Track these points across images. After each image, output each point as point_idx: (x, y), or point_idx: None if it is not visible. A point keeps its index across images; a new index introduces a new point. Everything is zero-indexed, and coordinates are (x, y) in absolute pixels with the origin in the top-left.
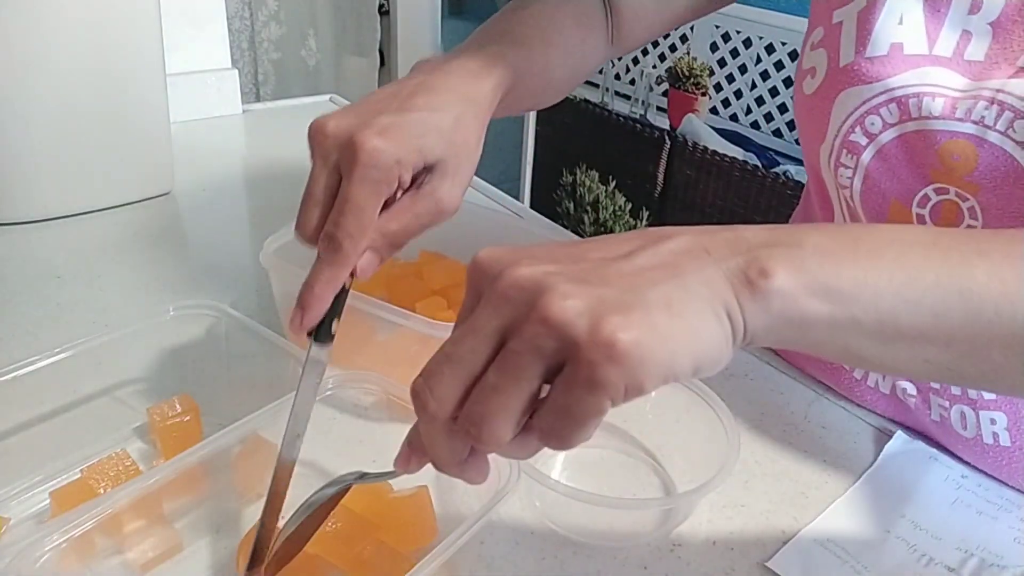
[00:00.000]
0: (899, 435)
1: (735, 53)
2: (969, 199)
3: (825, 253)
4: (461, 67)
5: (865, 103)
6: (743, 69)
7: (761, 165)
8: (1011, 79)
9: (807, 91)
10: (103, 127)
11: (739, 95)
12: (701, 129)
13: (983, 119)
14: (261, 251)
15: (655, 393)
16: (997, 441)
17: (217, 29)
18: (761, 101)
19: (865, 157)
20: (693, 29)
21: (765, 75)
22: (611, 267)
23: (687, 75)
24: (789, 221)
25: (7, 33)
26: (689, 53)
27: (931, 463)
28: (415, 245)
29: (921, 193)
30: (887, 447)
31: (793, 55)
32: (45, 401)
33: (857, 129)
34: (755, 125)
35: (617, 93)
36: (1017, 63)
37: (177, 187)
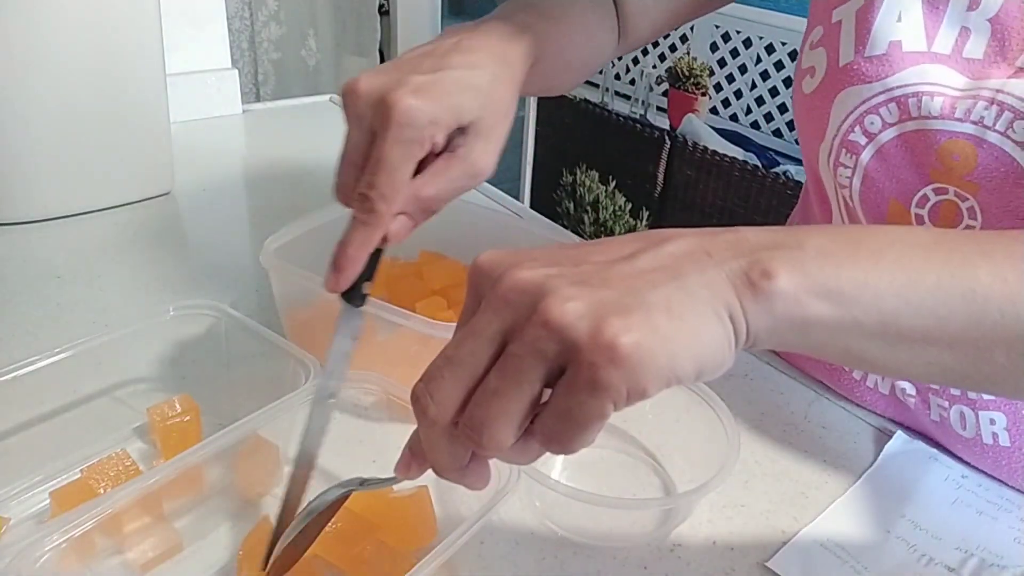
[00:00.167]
0: (899, 435)
1: (735, 53)
2: (968, 199)
3: (826, 255)
4: (494, 30)
5: (865, 102)
6: (743, 69)
7: (761, 165)
8: (1011, 79)
9: (806, 90)
10: (103, 127)
11: (739, 95)
12: (701, 129)
13: (982, 119)
14: (261, 251)
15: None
16: (996, 441)
17: (217, 29)
18: (761, 101)
19: (864, 157)
20: (693, 29)
21: (765, 75)
22: (612, 269)
23: (687, 75)
24: (787, 221)
25: (7, 33)
26: (689, 53)
27: (931, 463)
28: (415, 245)
29: (920, 193)
30: (887, 447)
31: (793, 55)
32: (45, 401)
33: (856, 129)
34: (755, 125)
35: (617, 93)
36: (1016, 63)
37: (177, 187)
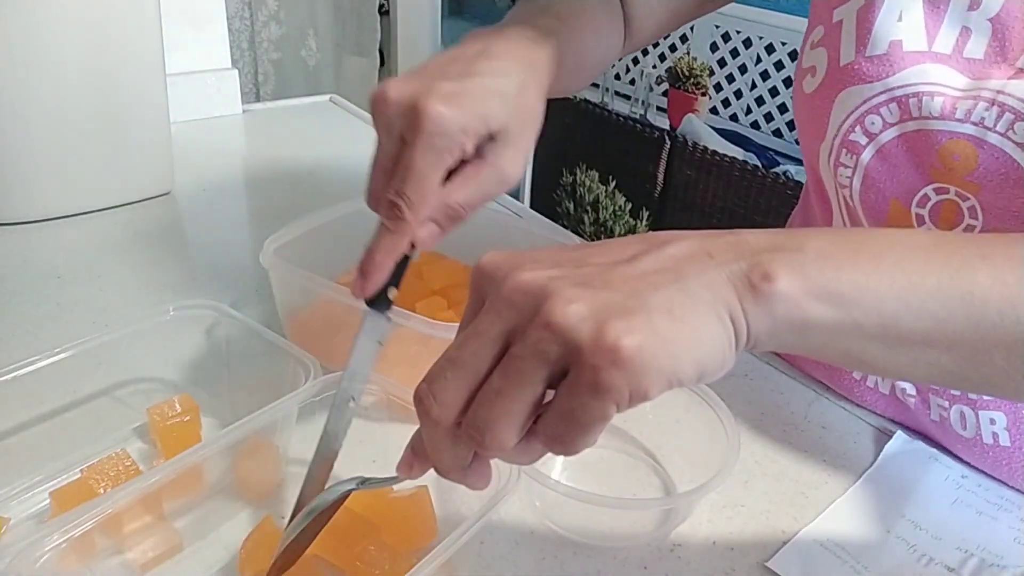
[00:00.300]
0: (899, 435)
1: (735, 53)
2: (969, 198)
3: (827, 257)
4: (519, 35)
5: (865, 102)
6: (743, 69)
7: (761, 165)
8: (1011, 80)
9: (807, 90)
10: (103, 127)
11: (739, 95)
12: (701, 129)
13: (983, 120)
14: (261, 251)
15: None
16: (997, 441)
17: (217, 29)
18: (761, 101)
19: (865, 156)
20: (693, 29)
21: (765, 75)
22: (614, 271)
23: (687, 75)
24: (788, 221)
25: (7, 33)
26: (689, 53)
27: (931, 463)
28: None
29: (921, 193)
30: (887, 447)
31: (793, 55)
32: (45, 401)
33: (857, 128)
34: (755, 125)
35: (617, 93)
36: (1017, 63)
37: (177, 187)
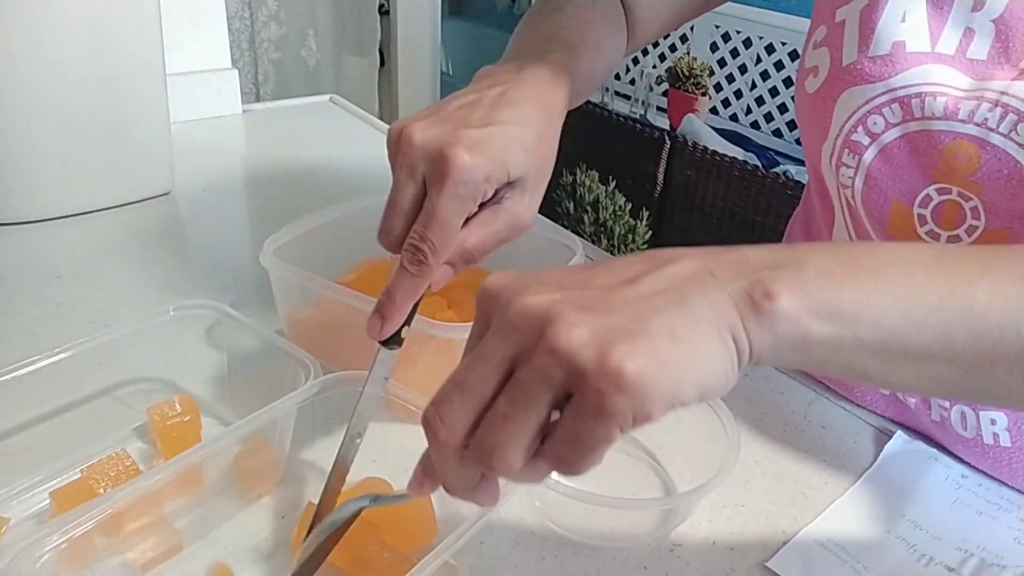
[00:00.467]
0: (899, 435)
1: (735, 53)
2: (972, 199)
3: (828, 274)
4: (535, 76)
5: (868, 103)
6: (743, 69)
7: (761, 165)
8: (1015, 81)
9: (809, 90)
10: (103, 127)
11: (739, 95)
12: (701, 129)
13: (986, 121)
14: (261, 251)
15: None
16: (997, 442)
17: (217, 29)
18: (761, 101)
19: (867, 157)
20: (693, 29)
21: (765, 75)
22: (616, 293)
23: (687, 75)
24: (790, 221)
25: (7, 33)
26: (689, 53)
27: (931, 463)
28: None
29: (923, 193)
30: (887, 447)
31: (793, 55)
32: (45, 401)
33: (859, 129)
34: (755, 125)
35: (617, 93)
36: (1020, 65)
37: (177, 187)
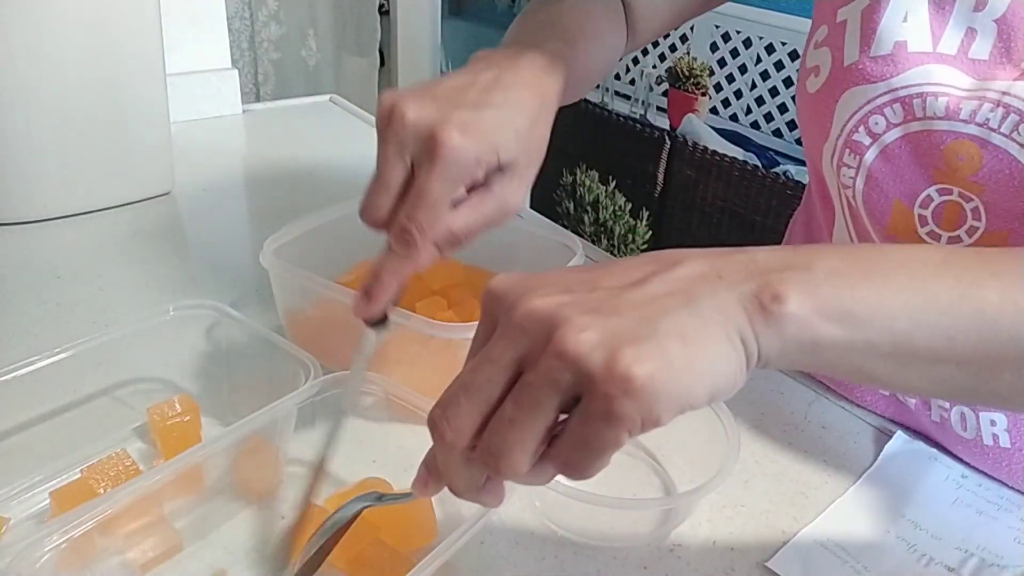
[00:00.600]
0: (899, 435)
1: (735, 53)
2: (973, 199)
3: (838, 276)
4: (530, 63)
5: (869, 103)
6: (743, 69)
7: (761, 165)
8: (1016, 81)
9: (811, 90)
10: (103, 127)
11: (739, 95)
12: (701, 129)
13: (987, 122)
14: (261, 251)
15: None
16: (997, 442)
17: (217, 29)
18: (761, 101)
19: (868, 157)
20: (693, 29)
21: (765, 75)
22: (624, 296)
23: (687, 75)
24: (791, 222)
25: (7, 33)
26: (689, 53)
27: (931, 463)
28: None
29: (924, 193)
30: (887, 447)
31: (793, 55)
32: (45, 401)
33: (860, 129)
34: (755, 125)
35: (617, 93)
36: (1022, 65)
37: (177, 187)
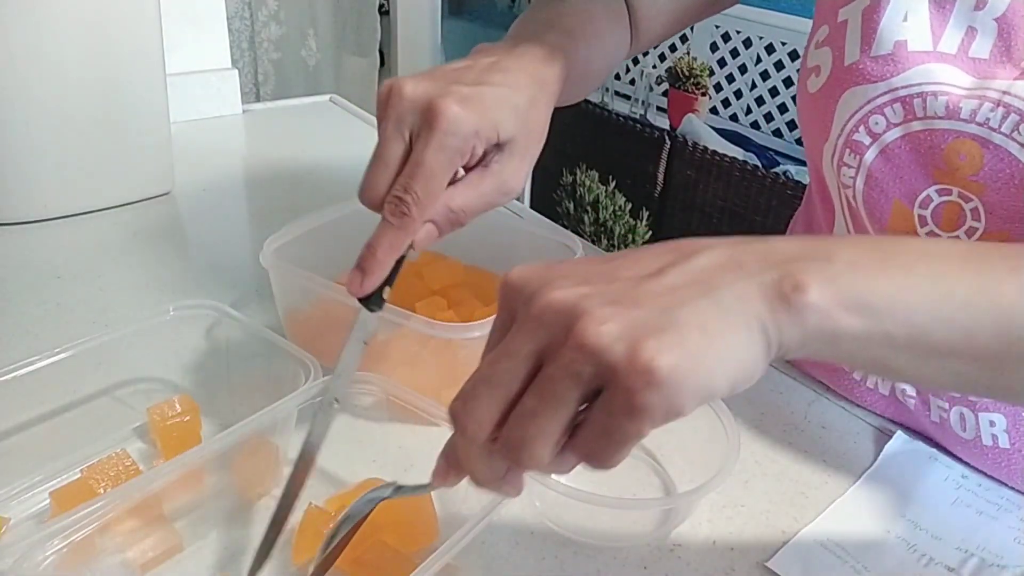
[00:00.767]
0: (899, 435)
1: (735, 53)
2: (973, 199)
3: (858, 267)
4: (529, 52)
5: (869, 102)
6: (743, 69)
7: (761, 165)
8: (1017, 81)
9: (811, 89)
10: (103, 127)
11: (739, 95)
12: (701, 129)
13: (988, 121)
14: (261, 251)
15: None
16: (996, 443)
17: (217, 29)
18: (761, 101)
19: (868, 157)
20: (693, 29)
21: (765, 75)
22: (643, 286)
23: (687, 75)
24: (791, 222)
25: (7, 33)
26: (689, 53)
27: (931, 463)
28: None
29: (924, 194)
30: (887, 447)
31: (793, 55)
32: (45, 401)
33: (861, 128)
34: (755, 125)
35: (617, 93)
36: (1022, 64)
37: (177, 187)
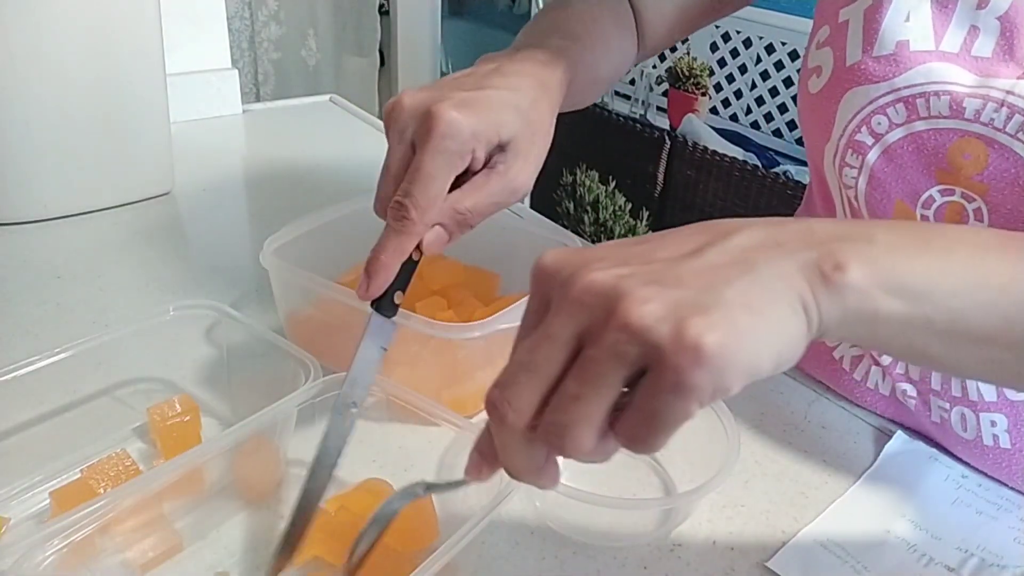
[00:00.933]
0: (899, 435)
1: (735, 53)
2: (976, 200)
3: (898, 250)
4: (531, 57)
5: (872, 103)
6: (743, 69)
7: (761, 165)
8: (1020, 80)
9: (812, 90)
10: (103, 127)
11: (739, 95)
12: (701, 129)
13: (992, 121)
14: (261, 251)
15: None
16: (997, 443)
17: (217, 29)
18: (761, 101)
19: (871, 157)
20: None
21: (765, 75)
22: (683, 266)
23: (687, 75)
24: None
25: (7, 33)
26: (689, 53)
27: (931, 463)
28: None
29: (926, 194)
30: (887, 447)
31: (793, 55)
32: (45, 401)
33: (863, 129)
34: (755, 125)
35: (617, 93)
36: None
37: (177, 187)
